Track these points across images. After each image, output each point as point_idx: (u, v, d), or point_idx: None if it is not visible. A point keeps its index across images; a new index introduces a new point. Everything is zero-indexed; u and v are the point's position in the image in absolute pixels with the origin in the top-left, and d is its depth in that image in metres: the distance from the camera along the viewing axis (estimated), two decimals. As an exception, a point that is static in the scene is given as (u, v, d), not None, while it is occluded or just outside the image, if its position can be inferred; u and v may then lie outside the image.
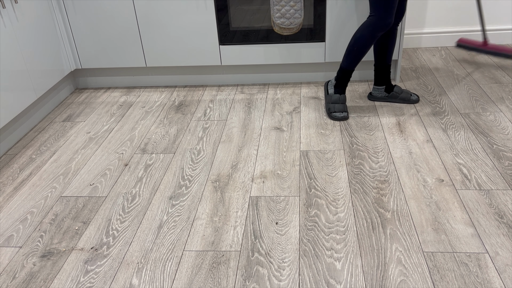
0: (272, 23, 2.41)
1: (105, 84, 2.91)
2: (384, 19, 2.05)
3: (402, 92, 2.38)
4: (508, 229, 1.52)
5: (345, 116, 2.27)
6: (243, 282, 1.38)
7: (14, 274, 1.47)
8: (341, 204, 1.68)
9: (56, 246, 1.58)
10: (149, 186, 1.87)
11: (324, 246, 1.49)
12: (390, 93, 2.39)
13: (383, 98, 2.42)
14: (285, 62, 2.67)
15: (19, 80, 2.28)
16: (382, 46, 2.28)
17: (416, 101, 2.39)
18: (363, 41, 2.13)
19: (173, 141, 2.20)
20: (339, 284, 1.35)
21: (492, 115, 2.23)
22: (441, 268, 1.38)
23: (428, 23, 3.20)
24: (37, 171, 2.04)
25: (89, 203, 1.79)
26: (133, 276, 1.43)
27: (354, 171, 1.87)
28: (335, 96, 2.31)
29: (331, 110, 2.30)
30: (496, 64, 2.84)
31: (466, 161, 1.89)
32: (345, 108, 2.29)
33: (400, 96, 2.38)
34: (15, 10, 2.25)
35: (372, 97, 2.45)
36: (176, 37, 2.64)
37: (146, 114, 2.50)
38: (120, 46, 2.70)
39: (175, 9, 2.55)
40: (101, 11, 2.60)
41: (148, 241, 1.57)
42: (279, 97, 2.60)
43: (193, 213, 1.70)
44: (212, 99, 2.64)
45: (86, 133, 2.33)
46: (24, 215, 1.75)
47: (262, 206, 1.71)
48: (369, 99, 2.47)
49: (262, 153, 2.05)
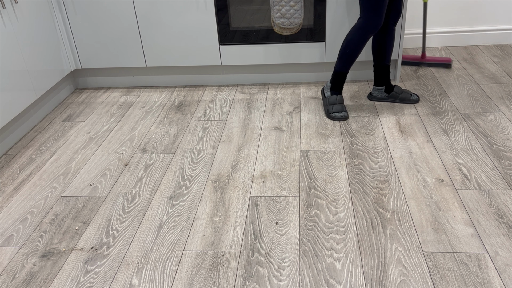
0: (272, 23, 2.41)
1: (105, 84, 2.91)
2: (373, 21, 2.07)
3: (402, 92, 2.38)
4: (508, 229, 1.52)
5: (345, 115, 2.27)
6: (243, 282, 1.38)
7: (14, 274, 1.47)
8: (341, 204, 1.68)
9: (56, 246, 1.58)
10: (149, 186, 1.87)
11: (324, 246, 1.49)
12: (390, 93, 2.40)
13: (383, 98, 2.42)
14: (285, 62, 2.67)
15: (19, 80, 2.28)
16: (380, 47, 2.28)
17: (416, 101, 2.39)
18: (354, 43, 2.14)
19: (173, 141, 2.20)
20: (339, 284, 1.35)
21: (492, 115, 2.23)
22: (441, 268, 1.38)
23: (428, 23, 3.20)
24: (37, 171, 2.04)
25: (89, 203, 1.79)
26: (133, 276, 1.43)
27: (354, 171, 1.87)
28: (332, 97, 2.31)
29: (329, 111, 2.30)
30: (496, 64, 2.84)
31: (466, 161, 1.89)
32: (344, 108, 2.29)
33: (400, 96, 2.38)
34: (15, 10, 2.25)
35: (372, 97, 2.45)
36: (176, 37, 2.64)
37: (146, 114, 2.50)
38: (120, 46, 2.70)
39: (175, 9, 2.55)
40: (101, 11, 2.60)
41: (148, 241, 1.57)
42: (279, 97, 2.60)
43: (193, 213, 1.70)
44: (212, 99, 2.64)
45: (86, 133, 2.33)
46: (24, 215, 1.75)
47: (262, 206, 1.71)
48: (369, 99, 2.47)
49: (262, 153, 2.05)
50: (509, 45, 3.15)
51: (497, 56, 2.97)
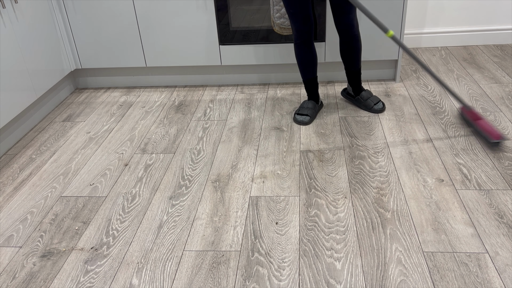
0: (272, 23, 2.41)
1: (105, 84, 2.91)
2: (294, 26, 2.12)
3: (367, 100, 2.33)
4: (508, 229, 1.52)
5: (303, 120, 2.25)
6: (243, 282, 1.38)
7: (14, 274, 1.47)
8: (341, 204, 1.68)
9: (56, 246, 1.58)
10: (149, 186, 1.87)
11: (324, 246, 1.49)
12: (355, 97, 2.39)
13: (349, 99, 2.44)
14: (285, 62, 2.67)
15: (19, 80, 2.28)
16: (342, 53, 2.26)
17: (379, 111, 2.32)
18: (295, 50, 2.21)
19: (173, 141, 2.20)
20: (339, 284, 1.35)
21: (492, 115, 2.23)
22: (441, 268, 1.38)
23: (428, 23, 3.20)
24: (37, 171, 2.04)
25: (89, 203, 1.79)
26: (133, 276, 1.43)
27: (354, 171, 1.87)
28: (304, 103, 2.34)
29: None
30: (496, 64, 2.84)
31: (466, 161, 1.89)
32: (307, 112, 2.27)
33: (363, 103, 2.35)
34: (15, 10, 2.25)
35: (344, 93, 2.48)
36: (176, 37, 2.64)
37: (146, 114, 2.50)
38: (120, 46, 2.70)
39: (175, 9, 2.55)
40: (101, 11, 2.60)
41: (148, 241, 1.57)
42: (279, 97, 2.60)
43: (193, 213, 1.70)
44: (212, 99, 2.64)
45: (86, 133, 2.33)
46: (24, 215, 1.75)
47: (262, 206, 1.71)
48: (341, 94, 2.50)
49: (262, 153, 2.05)
50: (509, 45, 3.15)
51: (497, 56, 2.97)
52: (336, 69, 2.74)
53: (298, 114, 2.29)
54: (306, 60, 2.20)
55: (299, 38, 2.14)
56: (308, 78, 2.28)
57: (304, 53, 2.18)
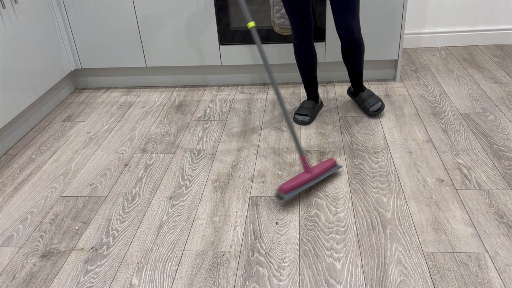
0: (272, 23, 2.41)
1: (105, 84, 2.91)
2: (292, 26, 2.12)
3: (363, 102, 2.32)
4: (508, 229, 1.52)
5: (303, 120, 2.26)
6: (243, 282, 1.38)
7: (14, 274, 1.47)
8: (341, 204, 1.68)
9: (56, 246, 1.58)
10: (149, 186, 1.87)
11: (324, 246, 1.49)
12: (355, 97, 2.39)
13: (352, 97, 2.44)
14: (285, 62, 2.67)
15: (19, 80, 2.28)
16: (342, 56, 2.23)
17: (374, 114, 2.28)
18: (294, 50, 2.22)
19: (173, 141, 2.20)
20: (339, 284, 1.35)
21: (492, 115, 2.23)
22: (441, 268, 1.38)
23: (428, 23, 3.20)
24: (37, 171, 2.04)
25: (89, 203, 1.79)
26: (133, 276, 1.43)
27: (354, 171, 1.87)
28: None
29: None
30: (496, 64, 2.84)
31: (466, 161, 1.89)
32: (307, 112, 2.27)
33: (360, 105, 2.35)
34: (15, 10, 2.25)
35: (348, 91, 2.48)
36: (176, 37, 2.64)
37: (146, 114, 2.50)
38: (120, 46, 2.70)
39: (175, 9, 2.55)
40: (101, 11, 2.60)
41: (148, 241, 1.57)
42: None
43: (193, 213, 1.70)
44: (212, 99, 2.64)
45: (86, 133, 2.33)
46: (24, 215, 1.75)
47: (262, 206, 1.71)
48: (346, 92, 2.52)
49: (262, 153, 2.05)
50: (509, 45, 3.15)
51: (497, 56, 2.97)
52: (336, 69, 2.74)
53: (298, 114, 2.29)
54: (305, 60, 2.20)
55: (297, 38, 2.14)
56: (307, 79, 2.27)
57: (303, 53, 2.18)
